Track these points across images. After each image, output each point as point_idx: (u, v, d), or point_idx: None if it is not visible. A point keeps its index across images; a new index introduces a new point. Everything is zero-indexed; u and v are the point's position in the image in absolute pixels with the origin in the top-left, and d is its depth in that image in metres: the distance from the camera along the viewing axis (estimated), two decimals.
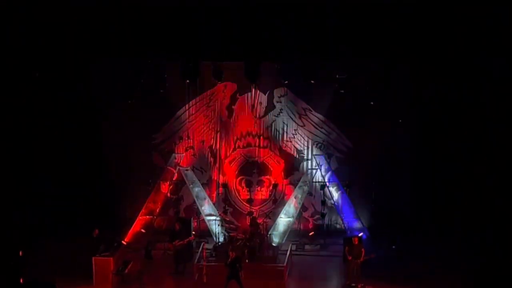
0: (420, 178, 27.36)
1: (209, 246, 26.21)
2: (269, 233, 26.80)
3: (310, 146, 29.15)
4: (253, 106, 29.09)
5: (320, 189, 28.65)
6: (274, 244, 26.47)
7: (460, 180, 25.29)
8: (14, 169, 23.87)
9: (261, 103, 29.05)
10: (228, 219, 28.22)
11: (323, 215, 28.49)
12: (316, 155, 28.99)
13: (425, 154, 27.18)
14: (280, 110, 29.08)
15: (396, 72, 26.03)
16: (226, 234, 26.65)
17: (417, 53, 24.42)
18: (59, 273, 21.17)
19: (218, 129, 29.38)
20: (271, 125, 29.23)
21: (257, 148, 29.38)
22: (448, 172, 26.05)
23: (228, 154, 29.54)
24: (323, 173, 28.70)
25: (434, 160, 26.80)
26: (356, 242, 23.24)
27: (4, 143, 23.30)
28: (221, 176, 29.55)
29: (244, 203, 29.38)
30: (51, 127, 26.66)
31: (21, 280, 20.63)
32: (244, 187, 29.51)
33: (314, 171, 28.89)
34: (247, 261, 23.71)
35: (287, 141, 29.25)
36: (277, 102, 29.02)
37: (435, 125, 26.48)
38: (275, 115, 29.16)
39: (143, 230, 27.67)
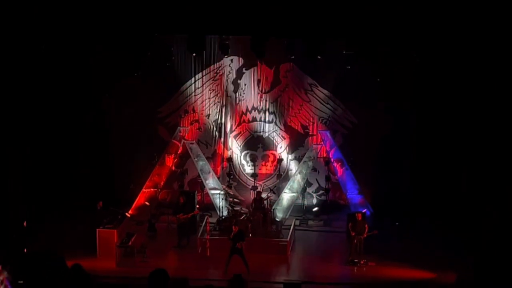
0: (425, 155, 27.32)
1: (213, 220, 26.33)
2: (273, 208, 26.86)
3: (315, 122, 29.15)
4: (259, 81, 29.06)
5: (325, 165, 28.70)
6: (277, 219, 26.54)
7: (466, 159, 25.25)
8: (18, 142, 23.87)
9: (267, 78, 29.01)
10: (232, 193, 28.26)
11: (327, 191, 28.59)
12: (321, 130, 28.99)
13: (430, 132, 27.13)
14: (286, 85, 29.05)
15: (404, 50, 25.94)
16: (230, 208, 26.70)
17: (425, 32, 24.27)
18: (63, 245, 21.23)
19: (224, 103, 29.36)
20: (277, 100, 29.21)
21: (262, 123, 29.39)
22: (453, 151, 26.02)
23: (233, 129, 29.55)
24: (328, 149, 28.73)
25: (439, 137, 26.73)
26: (360, 218, 23.32)
27: (8, 116, 23.29)
28: (225, 150, 29.58)
29: (249, 177, 29.42)
30: (56, 100, 26.64)
31: (25, 250, 20.72)
32: (249, 162, 29.55)
33: (319, 146, 28.89)
34: (250, 235, 23.80)
35: (292, 116, 29.24)
36: (283, 77, 28.99)
37: (442, 102, 26.40)
38: (280, 90, 29.13)
39: (147, 203, 27.78)
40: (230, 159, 29.23)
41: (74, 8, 23.58)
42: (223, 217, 26.36)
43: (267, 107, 29.25)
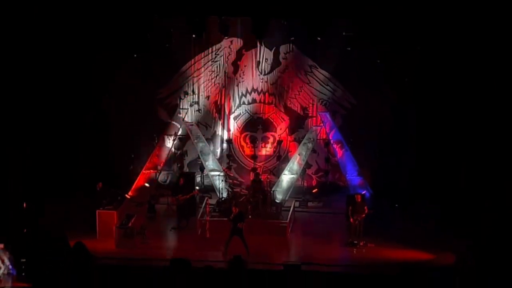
0: (426, 136, 27.30)
1: (213, 201, 26.34)
2: (273, 189, 26.86)
3: (315, 103, 29.16)
4: (258, 62, 29.03)
5: (324, 147, 28.72)
6: (277, 201, 26.55)
7: (465, 139, 25.23)
8: (19, 125, 23.88)
9: (266, 59, 29.00)
10: (231, 174, 28.28)
11: (326, 173, 28.61)
12: (321, 112, 29.00)
13: (431, 113, 27.11)
14: (286, 66, 29.03)
15: (403, 31, 25.90)
16: (230, 190, 26.71)
17: (426, 13, 24.23)
18: (63, 226, 21.27)
19: (224, 84, 29.35)
20: (276, 81, 29.19)
21: (262, 105, 29.40)
22: (453, 132, 26.00)
23: (233, 110, 29.54)
24: (328, 131, 28.73)
25: (440, 118, 26.71)
26: (359, 200, 23.28)
27: (9, 98, 23.28)
28: (225, 132, 29.57)
29: (248, 159, 29.43)
30: (54, 82, 26.60)
31: (24, 231, 20.76)
32: (249, 143, 29.56)
33: (318, 128, 28.89)
34: (250, 217, 23.82)
35: (292, 98, 29.24)
36: (283, 58, 28.98)
37: (441, 84, 26.37)
38: (280, 72, 29.11)
39: (147, 184, 27.82)
40: (230, 141, 29.23)
41: None
42: (222, 199, 26.37)
43: (266, 88, 29.24)
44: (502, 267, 17.76)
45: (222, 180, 27.32)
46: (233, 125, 29.59)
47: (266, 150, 29.64)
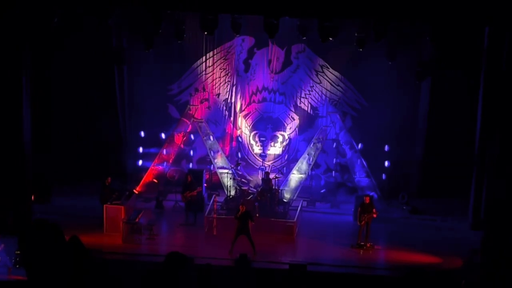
0: (435, 139, 27.28)
1: (220, 199, 26.32)
2: (281, 188, 26.82)
3: (325, 104, 29.10)
4: (270, 61, 28.97)
5: (334, 147, 28.67)
6: (285, 200, 26.53)
7: (474, 142, 25.16)
8: (30, 120, 23.93)
9: (278, 58, 28.94)
10: (240, 173, 28.25)
11: (335, 173, 28.58)
12: (331, 112, 28.93)
13: (440, 114, 27.09)
14: (297, 66, 28.99)
15: (417, 33, 25.83)
16: (238, 188, 26.69)
17: (438, 14, 24.10)
18: (70, 220, 21.33)
19: (234, 82, 29.33)
20: (287, 81, 29.14)
21: (272, 103, 29.35)
22: (463, 132, 25.94)
23: (243, 108, 29.52)
24: (337, 131, 28.67)
25: (449, 121, 26.67)
26: (368, 201, 23.20)
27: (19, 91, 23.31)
28: (235, 130, 29.56)
29: (257, 157, 29.41)
30: (67, 75, 26.68)
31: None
32: (258, 142, 29.53)
33: (328, 128, 28.82)
34: (257, 215, 23.79)
35: (302, 97, 29.19)
36: (294, 58, 28.92)
37: (453, 87, 26.33)
38: (291, 71, 29.06)
39: (155, 180, 27.79)
40: (239, 139, 29.25)
41: None
42: (230, 197, 26.35)
43: (277, 87, 29.19)
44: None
45: (230, 178, 27.32)
46: (243, 123, 29.58)
47: (275, 149, 29.60)
